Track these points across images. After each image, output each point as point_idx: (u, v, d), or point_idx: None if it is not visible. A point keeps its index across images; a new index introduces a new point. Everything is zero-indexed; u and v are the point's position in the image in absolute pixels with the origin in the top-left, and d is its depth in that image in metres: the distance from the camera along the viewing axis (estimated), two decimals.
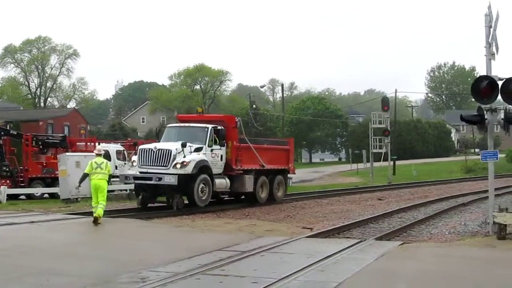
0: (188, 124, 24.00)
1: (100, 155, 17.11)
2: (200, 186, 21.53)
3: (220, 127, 23.08)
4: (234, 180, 23.42)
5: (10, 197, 27.13)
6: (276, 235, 15.56)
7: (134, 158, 22.51)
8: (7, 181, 29.89)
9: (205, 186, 21.78)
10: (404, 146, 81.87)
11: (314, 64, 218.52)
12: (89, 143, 34.95)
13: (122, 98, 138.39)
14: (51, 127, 67.12)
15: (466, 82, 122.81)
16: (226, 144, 23.26)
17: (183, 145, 21.28)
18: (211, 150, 22.57)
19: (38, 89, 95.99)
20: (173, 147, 21.40)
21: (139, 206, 22.03)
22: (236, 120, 24.39)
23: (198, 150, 21.83)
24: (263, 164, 24.91)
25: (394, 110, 60.15)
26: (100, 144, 29.95)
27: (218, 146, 22.86)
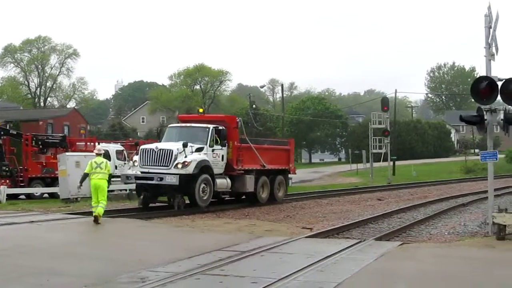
0: (189, 124, 24.02)
1: (100, 155, 17.16)
2: (201, 186, 21.55)
3: (221, 127, 23.11)
4: (235, 180, 23.45)
5: (10, 196, 27.15)
6: (275, 235, 15.57)
7: (136, 158, 22.53)
8: (7, 180, 29.89)
9: (206, 186, 21.81)
10: (403, 146, 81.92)
11: (314, 64, 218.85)
12: (89, 143, 34.97)
13: (122, 98, 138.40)
14: (51, 127, 67.11)
15: (466, 83, 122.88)
16: (227, 144, 23.27)
17: (185, 145, 21.29)
18: (212, 150, 22.59)
19: (38, 88, 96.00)
20: (174, 147, 21.43)
21: (141, 206, 22.04)
22: (237, 120, 24.43)
23: (199, 150, 21.84)
24: (264, 164, 24.93)
25: (394, 110, 60.19)
26: (100, 144, 29.97)
27: (219, 146, 22.88)
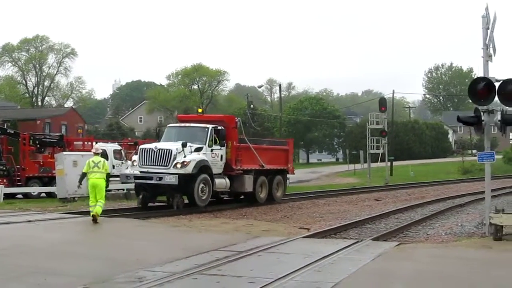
0: (188, 124, 24.03)
1: (97, 154, 17.18)
2: (200, 186, 21.57)
3: (220, 127, 23.12)
4: (234, 180, 23.47)
5: (7, 196, 27.15)
6: (273, 235, 15.58)
7: (135, 157, 22.55)
8: (4, 180, 29.88)
9: (205, 186, 21.82)
10: (401, 147, 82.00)
11: (312, 64, 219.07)
12: (86, 143, 34.97)
13: (120, 97, 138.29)
14: (49, 126, 67.07)
15: (463, 83, 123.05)
16: (226, 144, 23.29)
17: (184, 145, 21.30)
18: (211, 150, 22.60)
19: (36, 88, 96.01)
20: (173, 147, 21.44)
21: (140, 205, 22.08)
22: (236, 120, 24.45)
23: (198, 150, 21.85)
24: (263, 164, 24.95)
25: (392, 111, 60.32)
26: (97, 143, 29.98)
27: (218, 146, 22.89)
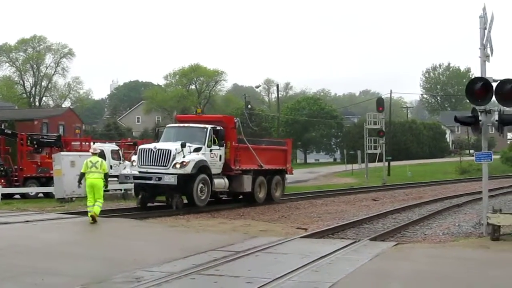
0: (187, 124, 24.05)
1: (95, 154, 17.17)
2: (199, 186, 21.60)
3: (219, 128, 23.14)
4: (232, 180, 23.52)
5: (5, 196, 27.10)
6: (270, 235, 15.58)
7: (134, 157, 22.55)
8: (2, 180, 29.86)
9: (204, 186, 21.85)
10: (399, 147, 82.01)
11: (309, 64, 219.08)
12: (84, 143, 34.95)
13: (117, 97, 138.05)
14: (46, 127, 66.97)
15: (461, 83, 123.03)
16: (225, 144, 23.32)
17: (183, 145, 21.34)
18: (210, 150, 22.63)
19: (33, 88, 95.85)
20: (172, 147, 21.46)
21: (139, 205, 22.12)
22: (235, 120, 24.49)
23: (197, 150, 21.89)
24: (261, 164, 24.98)
25: (389, 111, 60.27)
26: (95, 143, 29.97)
27: (217, 147, 22.92)
